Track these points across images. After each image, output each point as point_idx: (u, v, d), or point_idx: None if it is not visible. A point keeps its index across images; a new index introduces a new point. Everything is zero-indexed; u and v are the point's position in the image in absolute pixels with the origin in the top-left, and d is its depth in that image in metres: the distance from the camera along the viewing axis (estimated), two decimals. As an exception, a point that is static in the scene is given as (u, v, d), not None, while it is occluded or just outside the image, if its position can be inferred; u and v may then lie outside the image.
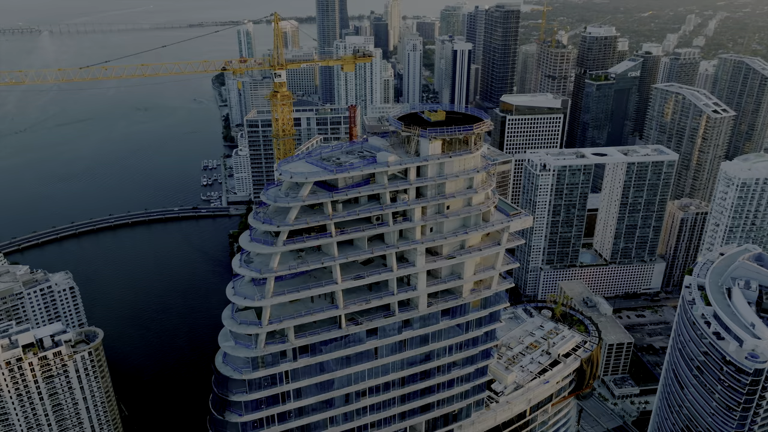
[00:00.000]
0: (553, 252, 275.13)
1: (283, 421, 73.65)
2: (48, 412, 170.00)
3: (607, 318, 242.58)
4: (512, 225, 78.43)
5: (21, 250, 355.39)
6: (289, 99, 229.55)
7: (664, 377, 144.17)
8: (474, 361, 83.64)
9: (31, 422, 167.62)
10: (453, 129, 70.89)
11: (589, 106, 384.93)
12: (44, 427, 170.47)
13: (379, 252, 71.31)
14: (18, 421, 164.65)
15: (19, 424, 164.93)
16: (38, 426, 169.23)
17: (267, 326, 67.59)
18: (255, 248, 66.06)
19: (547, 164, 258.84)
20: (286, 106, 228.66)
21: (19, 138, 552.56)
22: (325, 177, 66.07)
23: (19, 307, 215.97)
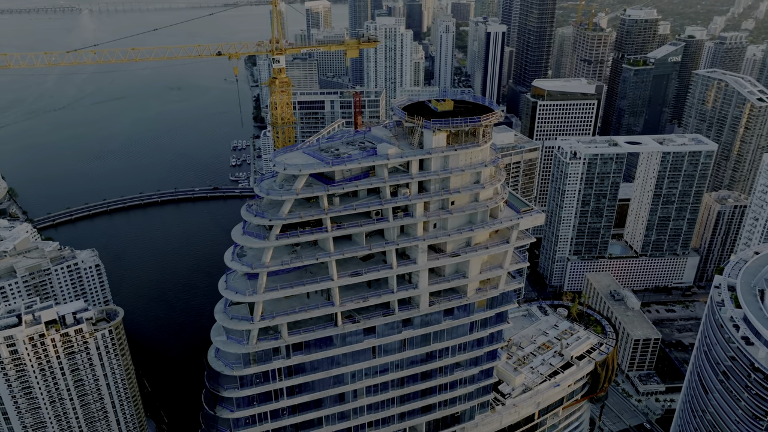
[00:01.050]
0: (581, 243, 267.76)
1: (276, 418, 71.86)
2: (70, 387, 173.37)
3: (634, 312, 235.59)
4: (522, 222, 74.22)
5: (55, 225, 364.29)
6: (288, 86, 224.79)
7: (688, 380, 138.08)
8: (479, 362, 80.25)
9: (54, 396, 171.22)
10: (459, 120, 66.80)
11: (625, 92, 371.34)
12: (66, 401, 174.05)
13: (378, 248, 68.17)
14: (41, 395, 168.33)
15: (42, 398, 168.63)
16: (60, 400, 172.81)
17: (259, 322, 65.45)
18: (247, 242, 63.68)
19: (577, 152, 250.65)
20: (285, 94, 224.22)
21: (58, 115, 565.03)
22: (321, 169, 63.01)
23: (46, 282, 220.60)
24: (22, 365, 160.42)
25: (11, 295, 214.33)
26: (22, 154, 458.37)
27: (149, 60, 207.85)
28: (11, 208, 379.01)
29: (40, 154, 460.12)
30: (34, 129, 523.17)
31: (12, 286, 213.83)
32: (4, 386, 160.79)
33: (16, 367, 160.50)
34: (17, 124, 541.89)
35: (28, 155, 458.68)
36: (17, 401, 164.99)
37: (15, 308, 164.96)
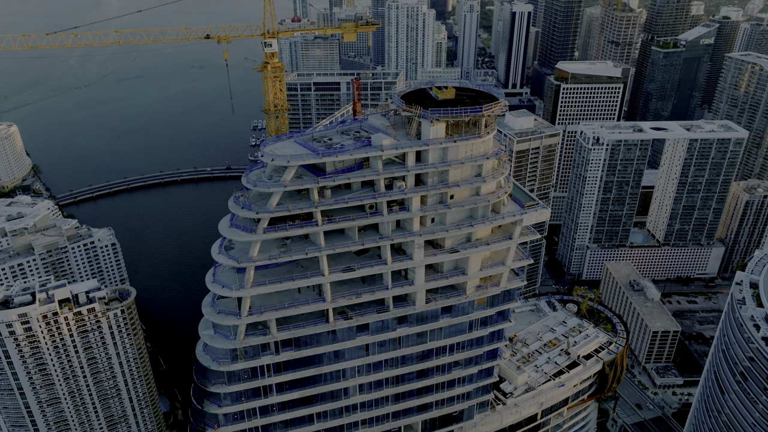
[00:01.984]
0: (601, 230, 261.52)
1: (265, 414, 70.11)
2: (83, 364, 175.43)
3: (653, 303, 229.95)
4: (526, 218, 70.46)
5: (77, 202, 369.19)
6: (281, 71, 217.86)
7: (704, 378, 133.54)
8: (478, 361, 77.31)
9: (68, 373, 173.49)
10: (458, 110, 63.00)
11: (654, 75, 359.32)
12: (80, 378, 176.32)
13: (371, 243, 65.22)
14: (55, 372, 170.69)
15: (56, 374, 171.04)
16: (74, 377, 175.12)
17: (246, 318, 63.31)
18: (233, 235, 61.24)
19: (600, 137, 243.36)
20: (278, 79, 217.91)
21: (82, 93, 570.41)
22: (311, 160, 59.99)
23: (64, 260, 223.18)
24: (36, 342, 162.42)
25: (29, 272, 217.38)
26: (47, 132, 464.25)
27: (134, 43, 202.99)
28: (35, 185, 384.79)
29: (63, 131, 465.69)
30: (58, 107, 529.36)
31: (30, 263, 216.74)
32: (20, 362, 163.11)
33: (31, 344, 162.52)
34: (42, 101, 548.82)
35: (53, 132, 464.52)
36: (32, 377, 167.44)
37: (30, 286, 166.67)
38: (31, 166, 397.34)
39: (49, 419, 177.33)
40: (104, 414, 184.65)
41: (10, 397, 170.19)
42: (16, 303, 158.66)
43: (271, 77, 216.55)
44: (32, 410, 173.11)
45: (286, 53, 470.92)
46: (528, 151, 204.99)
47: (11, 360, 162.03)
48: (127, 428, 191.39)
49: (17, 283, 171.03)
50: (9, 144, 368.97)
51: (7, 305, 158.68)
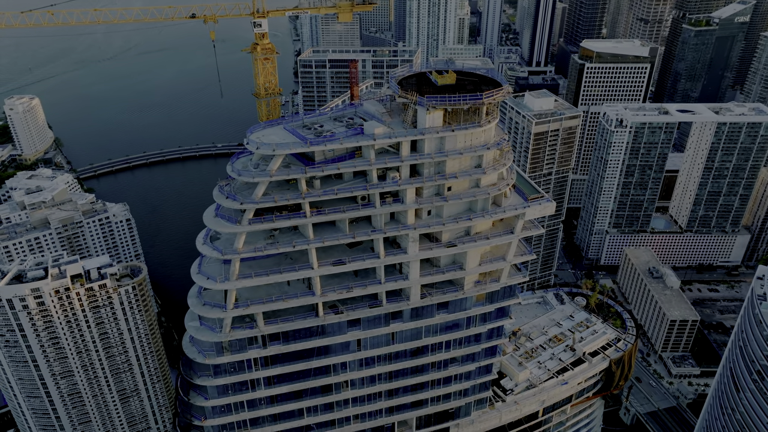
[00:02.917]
0: (621, 215, 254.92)
1: (253, 407, 68.51)
2: (95, 339, 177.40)
3: (672, 291, 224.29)
4: (528, 212, 66.69)
5: (97, 176, 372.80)
6: (271, 52, 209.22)
7: (720, 374, 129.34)
8: (476, 358, 74.53)
9: (80, 348, 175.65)
10: (456, 97, 59.13)
11: (684, 54, 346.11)
12: (92, 352, 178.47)
13: (362, 236, 62.29)
14: (68, 345, 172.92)
15: (68, 348, 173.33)
16: (86, 351, 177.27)
17: (232, 311, 61.24)
18: (218, 226, 58.81)
19: (624, 120, 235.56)
20: (269, 61, 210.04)
21: (105, 66, 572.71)
22: (298, 149, 56.94)
23: (79, 235, 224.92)
24: (49, 316, 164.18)
25: (46, 246, 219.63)
26: (69, 105, 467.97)
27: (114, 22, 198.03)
28: (57, 158, 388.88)
29: (85, 104, 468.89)
30: (81, 79, 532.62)
31: (46, 237, 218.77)
32: (33, 335, 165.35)
33: (43, 318, 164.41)
34: (66, 74, 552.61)
35: (75, 105, 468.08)
36: (45, 350, 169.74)
37: (43, 261, 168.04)
38: (53, 139, 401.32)
39: (63, 391, 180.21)
40: (117, 387, 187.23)
41: (25, 369, 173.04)
42: (29, 278, 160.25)
43: (261, 59, 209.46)
44: (46, 382, 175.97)
45: (306, 28, 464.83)
46: (547, 134, 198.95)
47: (25, 333, 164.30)
48: (139, 402, 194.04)
49: (30, 258, 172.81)
50: (31, 117, 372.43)
51: (20, 279, 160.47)
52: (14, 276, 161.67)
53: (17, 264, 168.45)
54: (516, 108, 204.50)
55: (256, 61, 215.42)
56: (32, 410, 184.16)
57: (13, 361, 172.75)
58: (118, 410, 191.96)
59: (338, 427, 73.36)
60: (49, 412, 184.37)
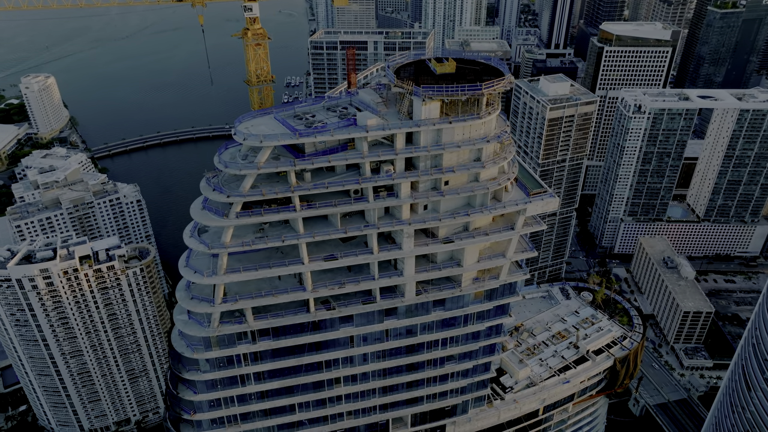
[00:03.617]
0: (637, 203, 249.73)
1: (243, 402, 67.32)
2: (104, 320, 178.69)
3: (687, 282, 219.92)
4: (530, 208, 63.87)
5: (111, 155, 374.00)
6: (263, 38, 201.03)
7: (731, 370, 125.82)
8: (473, 356, 72.45)
9: (89, 328, 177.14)
10: (453, 88, 56.22)
11: (708, 37, 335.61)
12: (101, 333, 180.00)
13: (354, 231, 60.06)
14: (77, 326, 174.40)
15: (77, 328, 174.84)
16: (95, 332, 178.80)
17: (220, 305, 59.67)
18: (204, 219, 56.92)
19: (642, 105, 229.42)
20: (261, 47, 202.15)
21: (120, 45, 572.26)
22: (287, 141, 54.63)
23: (90, 216, 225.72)
24: (58, 297, 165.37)
25: (57, 226, 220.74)
26: (85, 83, 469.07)
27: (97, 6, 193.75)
28: (72, 137, 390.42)
29: (101, 83, 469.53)
30: (97, 58, 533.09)
31: (57, 217, 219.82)
32: (42, 315, 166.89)
33: (53, 298, 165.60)
34: (82, 53, 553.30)
35: (90, 84, 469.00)
36: (55, 330, 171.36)
37: (52, 242, 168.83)
38: (69, 118, 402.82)
39: (73, 370, 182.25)
40: (125, 368, 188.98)
41: (35, 348, 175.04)
42: (38, 258, 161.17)
43: (252, 45, 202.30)
44: (56, 361, 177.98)
45: (322, 8, 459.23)
46: (561, 120, 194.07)
47: (35, 313, 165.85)
48: (148, 382, 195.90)
49: (40, 238, 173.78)
50: (47, 95, 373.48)
51: (30, 260, 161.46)
52: (24, 256, 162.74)
53: (27, 244, 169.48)
54: (530, 93, 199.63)
55: (247, 46, 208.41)
56: (43, 388, 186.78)
57: (23, 340, 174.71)
58: (126, 390, 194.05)
59: (331, 423, 72.08)
60: (60, 390, 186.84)
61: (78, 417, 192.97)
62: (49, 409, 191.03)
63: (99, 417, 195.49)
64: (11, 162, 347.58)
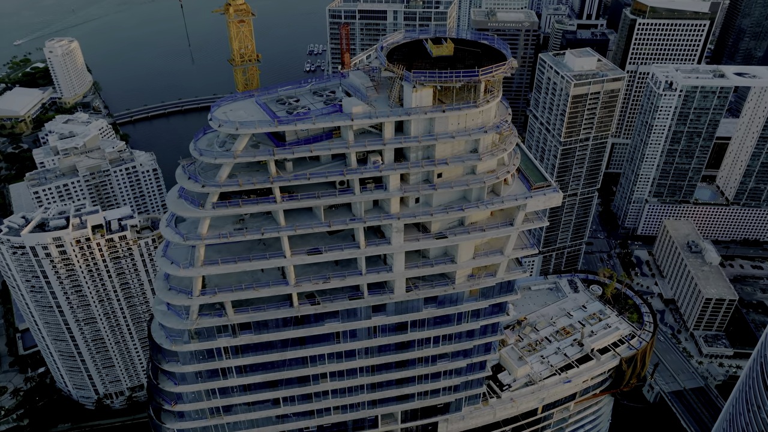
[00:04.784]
0: (663, 184, 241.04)
1: (225, 395, 65.38)
2: (117, 289, 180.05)
3: (710, 268, 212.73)
4: (530, 203, 59.40)
5: (133, 122, 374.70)
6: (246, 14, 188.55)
7: (749, 367, 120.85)
8: (468, 354, 69.11)
9: (102, 296, 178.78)
10: (447, 74, 51.52)
11: (750, 9, 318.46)
12: (114, 301, 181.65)
13: (339, 225, 56.51)
14: (90, 294, 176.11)
15: (90, 296, 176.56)
16: (108, 300, 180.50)
17: (198, 298, 57.14)
18: (179, 208, 53.89)
19: (674, 82, 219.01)
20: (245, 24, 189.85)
21: (146, 9, 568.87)
22: (264, 129, 50.90)
23: (106, 183, 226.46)
24: (71, 265, 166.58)
25: (74, 193, 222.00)
26: (109, 47, 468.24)
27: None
28: (95, 102, 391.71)
29: (124, 48, 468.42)
30: (122, 22, 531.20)
31: (74, 184, 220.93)
32: (56, 282, 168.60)
33: (66, 266, 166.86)
34: (107, 16, 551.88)
35: (114, 49, 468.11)
36: (69, 297, 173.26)
37: (66, 210, 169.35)
38: (92, 83, 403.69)
39: (87, 337, 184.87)
40: (138, 336, 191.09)
41: (50, 314, 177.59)
42: (51, 227, 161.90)
43: (235, 22, 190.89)
44: (71, 327, 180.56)
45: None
46: (586, 96, 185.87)
47: (49, 280, 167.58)
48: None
49: (53, 206, 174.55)
50: (70, 60, 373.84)
51: (43, 228, 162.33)
52: (37, 224, 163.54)
53: (41, 212, 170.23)
54: (555, 67, 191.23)
55: (229, 23, 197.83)
56: (59, 352, 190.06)
57: (39, 306, 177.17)
58: (140, 357, 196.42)
59: (317, 417, 69.97)
60: (75, 355, 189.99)
61: (93, 381, 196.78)
62: (66, 372, 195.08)
63: (113, 382, 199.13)
64: (36, 126, 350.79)
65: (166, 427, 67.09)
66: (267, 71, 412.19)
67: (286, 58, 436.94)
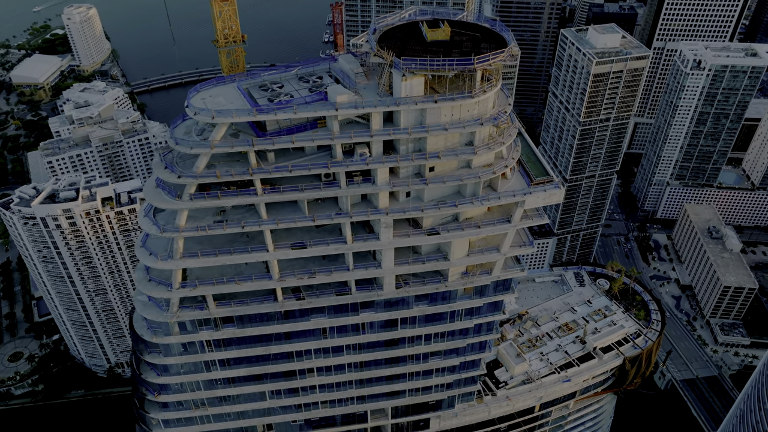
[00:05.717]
0: (686, 166, 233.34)
1: (209, 387, 63.92)
2: (126, 261, 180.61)
3: (731, 255, 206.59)
4: (529, 200, 55.75)
5: (150, 91, 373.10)
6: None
7: (763, 363, 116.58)
8: (461, 352, 66.50)
9: (112, 268, 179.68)
10: (439, 62, 47.66)
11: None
12: (123, 273, 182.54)
13: (324, 220, 53.65)
14: (100, 265, 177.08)
15: (101, 268, 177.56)
16: (118, 272, 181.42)
17: (177, 290, 55.12)
18: (156, 199, 51.44)
19: (702, 61, 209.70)
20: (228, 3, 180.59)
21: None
22: (242, 117, 47.84)
23: (119, 154, 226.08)
24: (81, 237, 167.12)
25: (87, 164, 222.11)
26: (128, 14, 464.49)
27: None
28: (113, 70, 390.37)
29: (143, 15, 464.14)
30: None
31: (87, 155, 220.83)
32: (67, 253, 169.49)
33: (76, 238, 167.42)
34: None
35: (133, 16, 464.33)
36: (79, 268, 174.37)
37: (76, 181, 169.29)
38: (110, 51, 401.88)
39: (98, 307, 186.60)
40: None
41: (62, 284, 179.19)
42: (62, 198, 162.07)
43: (217, 1, 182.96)
44: (82, 297, 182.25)
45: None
46: (608, 75, 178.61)
47: (59, 250, 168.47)
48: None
49: (64, 177, 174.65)
50: (88, 27, 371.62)
51: (53, 199, 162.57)
52: (48, 195, 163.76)
53: (51, 183, 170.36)
54: (576, 44, 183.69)
55: (212, 2, 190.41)
56: (71, 321, 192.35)
57: (51, 276, 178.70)
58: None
59: (305, 410, 68.39)
60: (86, 324, 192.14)
61: (104, 350, 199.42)
62: (78, 341, 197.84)
63: (125, 352, 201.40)
64: (54, 94, 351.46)
65: (150, 416, 66.13)
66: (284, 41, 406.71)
67: (306, 28, 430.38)
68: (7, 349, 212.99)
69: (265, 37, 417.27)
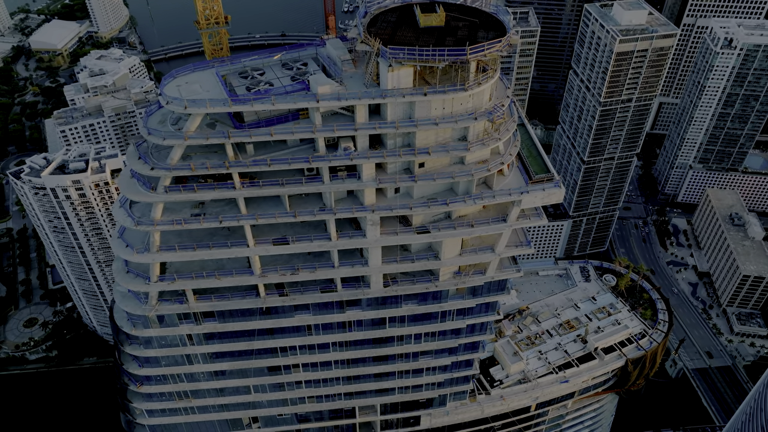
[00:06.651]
0: (711, 150, 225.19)
1: (192, 380, 62.53)
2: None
3: (752, 243, 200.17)
4: (526, 199, 52.21)
5: (167, 59, 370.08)
6: None
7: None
8: (453, 352, 63.97)
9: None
10: (429, 52, 43.90)
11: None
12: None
13: (306, 216, 50.85)
14: (110, 236, 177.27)
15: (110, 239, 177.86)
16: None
17: (155, 284, 53.18)
18: (129, 190, 49.07)
19: (734, 39, 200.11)
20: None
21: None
22: (216, 108, 44.85)
23: (132, 125, 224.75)
24: (91, 208, 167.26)
25: (100, 134, 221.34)
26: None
27: None
28: (130, 37, 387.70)
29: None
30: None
31: (101, 124, 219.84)
32: (77, 224, 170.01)
33: (86, 209, 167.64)
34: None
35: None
36: (89, 238, 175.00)
37: (86, 152, 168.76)
38: (128, 18, 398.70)
39: (109, 278, 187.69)
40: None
41: (73, 254, 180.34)
42: (71, 169, 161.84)
43: None
44: (93, 268, 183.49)
45: None
46: (632, 54, 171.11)
47: (70, 221, 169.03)
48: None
49: (77, 147, 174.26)
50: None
51: (63, 170, 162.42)
52: (58, 166, 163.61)
53: (61, 154, 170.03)
54: (600, 20, 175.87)
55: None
56: (83, 291, 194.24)
57: (62, 246, 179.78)
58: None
59: (291, 405, 66.87)
60: (98, 294, 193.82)
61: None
62: (90, 309, 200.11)
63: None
64: (73, 60, 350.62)
65: (133, 406, 65.21)
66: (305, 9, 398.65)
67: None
68: (22, 315, 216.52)
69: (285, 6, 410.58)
